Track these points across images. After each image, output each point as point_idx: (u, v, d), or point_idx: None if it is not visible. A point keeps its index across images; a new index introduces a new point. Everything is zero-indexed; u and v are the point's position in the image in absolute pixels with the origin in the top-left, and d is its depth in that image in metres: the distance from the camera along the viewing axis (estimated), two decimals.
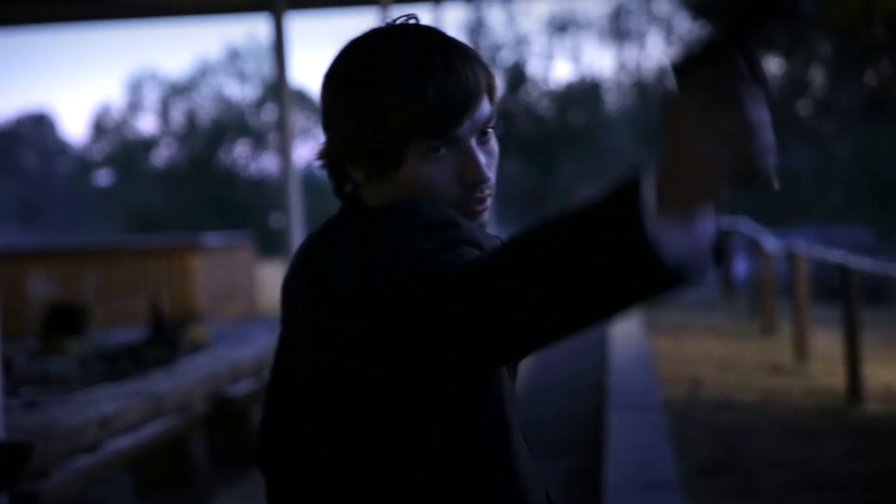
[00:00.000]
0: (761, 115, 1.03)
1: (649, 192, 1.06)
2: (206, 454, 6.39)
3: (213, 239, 16.48)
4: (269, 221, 34.38)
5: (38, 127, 60.73)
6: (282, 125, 8.87)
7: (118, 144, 48.27)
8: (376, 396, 1.35)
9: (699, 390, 7.98)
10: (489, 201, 1.45)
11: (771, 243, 12.24)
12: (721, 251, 1.13)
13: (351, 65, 1.44)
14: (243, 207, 41.77)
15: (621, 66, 39.10)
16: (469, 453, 1.37)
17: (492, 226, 1.50)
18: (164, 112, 47.01)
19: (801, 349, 9.49)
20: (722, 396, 7.77)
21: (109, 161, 49.11)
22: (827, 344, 9.72)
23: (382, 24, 1.48)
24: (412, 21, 1.47)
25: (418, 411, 1.35)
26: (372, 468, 1.37)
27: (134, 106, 48.12)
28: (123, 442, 5.16)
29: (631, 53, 38.61)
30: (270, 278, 16.46)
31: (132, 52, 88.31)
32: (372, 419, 1.36)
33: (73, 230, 50.34)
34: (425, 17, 1.49)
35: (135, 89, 47.90)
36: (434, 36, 1.44)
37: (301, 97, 37.22)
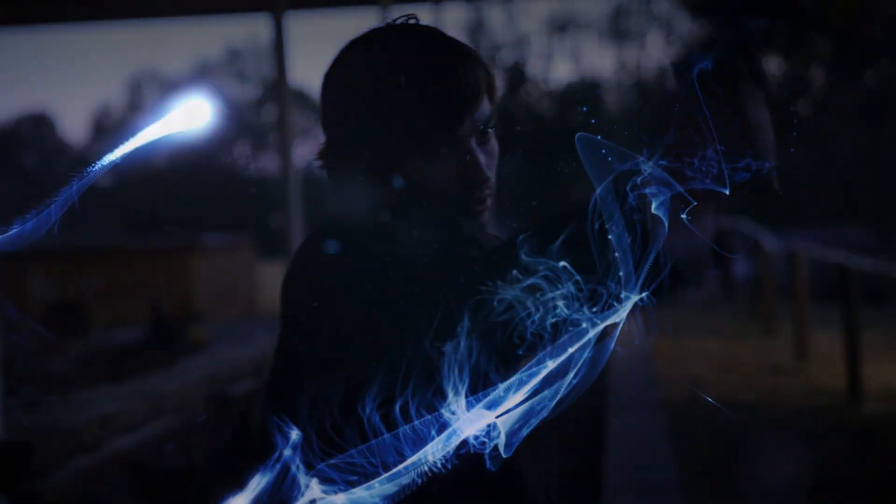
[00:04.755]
0: (761, 115, 1.03)
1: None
2: (206, 454, 6.39)
3: (213, 239, 16.46)
4: (269, 221, 34.34)
5: (38, 127, 60.69)
6: (282, 125, 8.86)
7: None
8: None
9: (699, 390, 7.98)
10: (489, 201, 1.45)
11: (771, 243, 12.23)
12: (721, 251, 1.12)
13: (351, 65, 1.44)
14: (243, 207, 41.71)
15: (621, 66, 39.08)
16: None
17: (492, 226, 1.49)
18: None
19: (801, 349, 9.48)
20: (722, 396, 7.76)
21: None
22: (827, 344, 9.71)
23: (382, 25, 1.48)
24: (412, 21, 1.47)
25: None
26: None
27: (134, 106, 48.11)
28: (123, 442, 5.16)
29: (631, 53, 38.61)
30: (270, 278, 16.42)
31: (132, 52, 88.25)
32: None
33: (73, 230, 50.27)
34: (425, 17, 1.49)
35: (135, 89, 47.91)
36: (434, 36, 1.43)
37: (301, 97, 37.18)
